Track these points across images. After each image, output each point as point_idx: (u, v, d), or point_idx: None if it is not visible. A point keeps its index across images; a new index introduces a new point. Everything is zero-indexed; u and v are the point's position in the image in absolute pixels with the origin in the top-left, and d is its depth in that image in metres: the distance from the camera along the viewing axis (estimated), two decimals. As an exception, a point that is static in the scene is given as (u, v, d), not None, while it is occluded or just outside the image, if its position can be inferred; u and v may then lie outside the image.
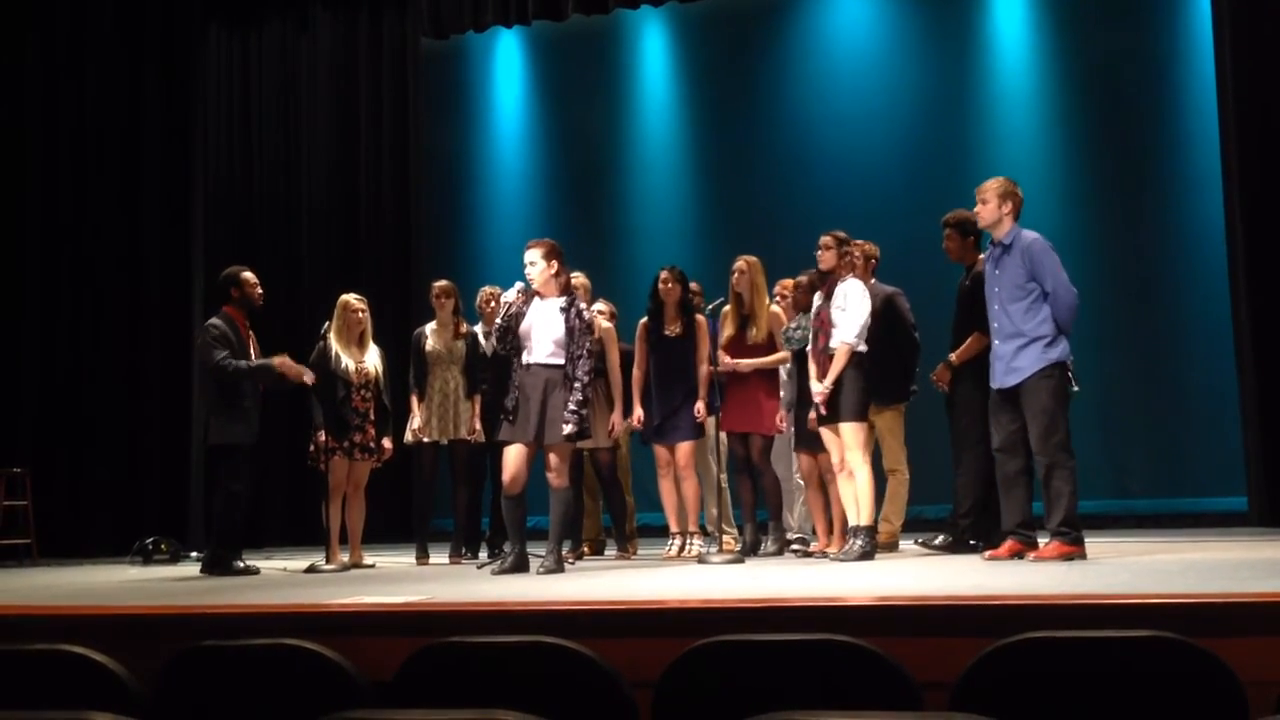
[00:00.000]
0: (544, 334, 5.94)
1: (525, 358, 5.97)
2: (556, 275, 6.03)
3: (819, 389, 6.08)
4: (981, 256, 6.42)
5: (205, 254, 10.55)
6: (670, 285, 7.02)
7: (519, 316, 6.00)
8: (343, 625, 3.75)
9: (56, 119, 10.51)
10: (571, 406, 5.82)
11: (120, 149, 10.54)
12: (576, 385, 5.86)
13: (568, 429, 5.80)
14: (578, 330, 5.93)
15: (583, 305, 6.11)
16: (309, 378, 6.96)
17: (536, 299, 6.04)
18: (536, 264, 6.01)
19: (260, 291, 7.17)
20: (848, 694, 2.27)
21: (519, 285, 6.08)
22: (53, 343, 10.31)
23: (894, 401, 6.67)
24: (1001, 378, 5.67)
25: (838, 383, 6.04)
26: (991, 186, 5.75)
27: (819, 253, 6.28)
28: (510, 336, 6.00)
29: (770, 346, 6.84)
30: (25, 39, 10.53)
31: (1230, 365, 8.41)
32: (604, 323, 7.17)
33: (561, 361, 5.91)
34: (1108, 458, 8.84)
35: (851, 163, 9.74)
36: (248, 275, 7.16)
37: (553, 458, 5.89)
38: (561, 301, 6.00)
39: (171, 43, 10.71)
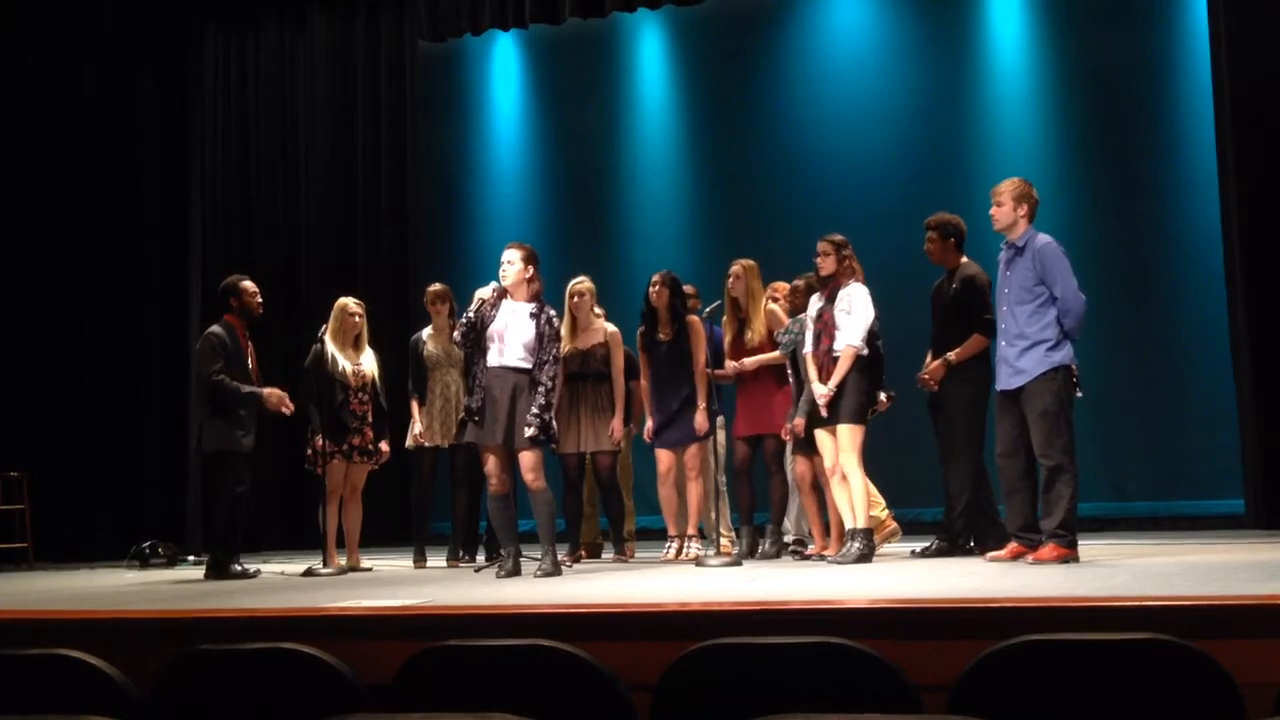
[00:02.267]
0: (515, 337, 5.95)
1: (492, 359, 5.96)
2: (530, 280, 6.05)
3: (823, 391, 6.07)
4: (964, 260, 6.44)
5: (203, 255, 10.55)
6: (659, 289, 7.03)
7: (488, 317, 6.01)
8: (341, 629, 3.75)
9: (54, 119, 10.50)
10: (534, 410, 5.83)
11: (118, 150, 10.53)
12: (540, 390, 5.88)
13: (530, 431, 5.81)
14: (546, 336, 5.96)
15: (552, 312, 6.14)
16: (287, 410, 7.01)
17: (506, 300, 6.05)
18: (514, 264, 6.03)
19: (260, 301, 7.18)
20: (846, 697, 2.27)
21: (494, 285, 6.09)
22: (51, 346, 10.30)
23: None
24: (1006, 380, 5.68)
25: (840, 385, 6.05)
26: (1007, 189, 5.74)
27: (818, 259, 6.30)
28: (474, 334, 6.00)
29: (770, 347, 6.84)
30: (24, 39, 10.53)
31: (1227, 367, 8.41)
32: (610, 326, 7.20)
33: (529, 366, 5.93)
34: (1105, 460, 8.82)
35: (848, 165, 9.73)
36: (247, 285, 7.16)
37: (527, 459, 5.89)
38: (532, 307, 6.02)
39: (169, 43, 10.70)
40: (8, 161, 10.41)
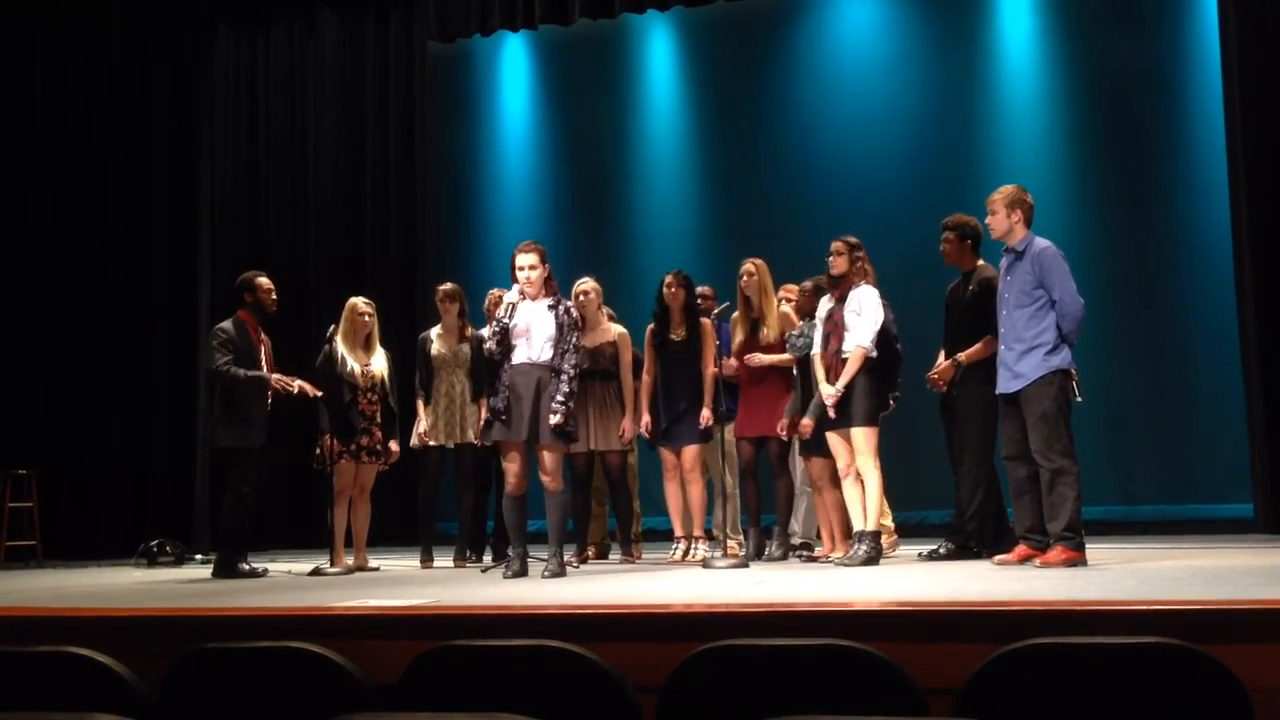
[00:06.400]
0: (539, 333, 5.99)
1: (517, 357, 5.99)
2: (548, 279, 6.09)
3: (830, 392, 6.08)
4: (980, 263, 6.45)
5: (212, 255, 10.59)
6: (674, 290, 7.04)
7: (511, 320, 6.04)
8: (347, 628, 3.76)
9: (64, 120, 10.53)
10: (559, 397, 5.86)
11: (128, 150, 10.56)
12: (564, 377, 5.90)
13: (555, 419, 5.83)
14: (566, 326, 6.00)
15: (569, 303, 6.18)
16: (309, 389, 6.99)
17: (525, 301, 6.07)
18: (536, 269, 6.04)
19: (275, 297, 7.21)
20: (852, 700, 2.27)
21: (516, 290, 6.11)
22: (59, 344, 10.33)
23: None
24: (1005, 383, 5.71)
25: (849, 387, 6.04)
26: (998, 197, 5.80)
27: (830, 258, 6.30)
28: (505, 339, 6.03)
29: (783, 347, 6.83)
30: (33, 39, 10.56)
31: (1236, 371, 8.39)
32: (619, 327, 7.19)
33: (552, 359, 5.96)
34: (1113, 464, 8.81)
35: (858, 168, 9.72)
36: (263, 281, 7.18)
37: (547, 459, 5.90)
38: (549, 300, 6.06)
39: (179, 44, 10.74)
40: (18, 160, 10.45)
